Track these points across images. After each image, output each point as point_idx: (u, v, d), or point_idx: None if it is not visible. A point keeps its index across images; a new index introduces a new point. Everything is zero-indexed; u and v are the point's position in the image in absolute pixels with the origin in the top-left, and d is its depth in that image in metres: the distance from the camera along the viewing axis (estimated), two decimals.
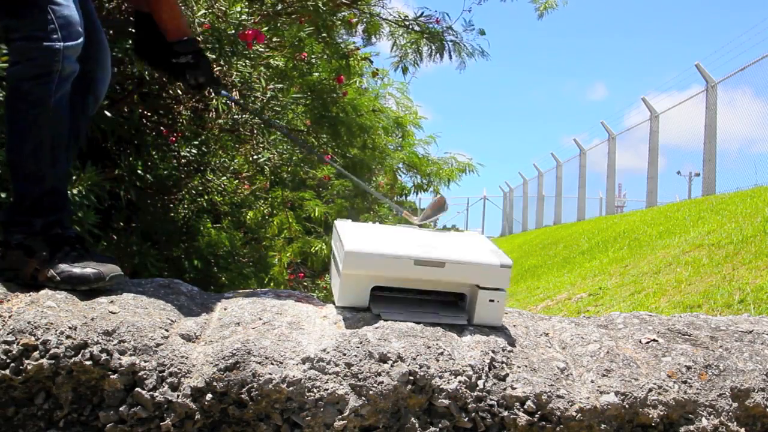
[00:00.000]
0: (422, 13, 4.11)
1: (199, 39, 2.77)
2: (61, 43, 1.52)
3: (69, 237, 1.58)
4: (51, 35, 1.52)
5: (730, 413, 1.46)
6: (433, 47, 4.17)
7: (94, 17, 1.74)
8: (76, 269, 1.49)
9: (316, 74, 3.98)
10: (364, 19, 4.25)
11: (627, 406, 1.43)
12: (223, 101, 2.93)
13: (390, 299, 1.57)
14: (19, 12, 1.53)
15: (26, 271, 1.51)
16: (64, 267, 1.49)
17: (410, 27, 4.19)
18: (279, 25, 3.43)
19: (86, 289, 1.49)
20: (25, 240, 1.51)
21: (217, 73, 3.06)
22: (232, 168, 3.70)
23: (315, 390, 1.36)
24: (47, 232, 1.54)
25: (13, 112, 1.54)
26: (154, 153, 3.28)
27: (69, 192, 2.01)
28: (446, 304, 1.61)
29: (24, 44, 1.52)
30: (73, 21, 1.56)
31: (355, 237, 1.56)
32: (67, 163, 1.68)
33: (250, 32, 2.75)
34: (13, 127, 1.55)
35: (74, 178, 2.02)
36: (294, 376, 1.36)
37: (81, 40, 1.57)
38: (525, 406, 1.41)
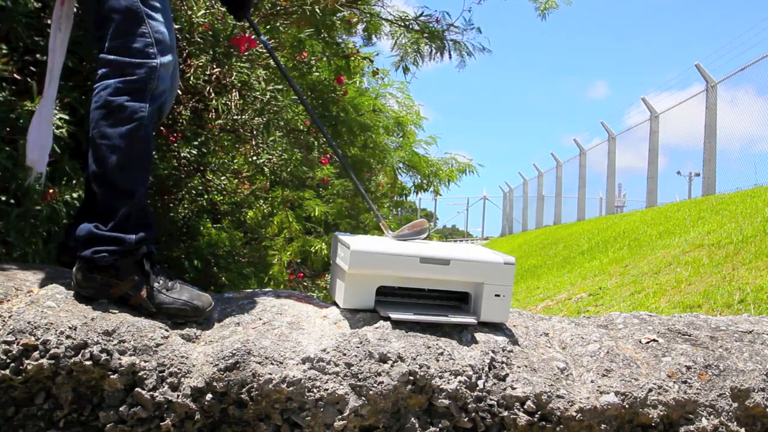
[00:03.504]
0: (422, 12, 4.11)
1: (199, 39, 2.77)
2: (157, 60, 1.46)
3: (154, 254, 1.52)
4: (147, 50, 1.45)
5: (730, 413, 1.46)
6: (434, 47, 4.16)
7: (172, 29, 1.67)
8: (172, 304, 1.47)
9: (317, 74, 3.99)
10: (364, 19, 4.24)
11: (627, 406, 1.43)
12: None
13: (394, 304, 1.58)
14: (116, 23, 1.44)
15: (113, 292, 1.46)
16: (159, 297, 1.46)
17: (410, 26, 4.19)
18: (278, 25, 3.43)
19: (181, 322, 1.47)
20: (115, 261, 1.44)
21: (217, 73, 3.06)
22: (232, 168, 3.70)
23: (315, 390, 1.36)
24: (138, 249, 1.47)
25: (102, 127, 1.45)
26: (154, 153, 3.27)
27: (69, 196, 2.00)
28: (450, 308, 1.62)
29: (118, 59, 1.44)
30: (167, 37, 1.49)
31: (359, 240, 1.58)
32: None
33: (243, 38, 2.74)
34: (101, 141, 1.45)
35: (74, 181, 2.01)
36: (294, 376, 1.36)
37: (173, 57, 1.51)
38: (525, 406, 1.41)
